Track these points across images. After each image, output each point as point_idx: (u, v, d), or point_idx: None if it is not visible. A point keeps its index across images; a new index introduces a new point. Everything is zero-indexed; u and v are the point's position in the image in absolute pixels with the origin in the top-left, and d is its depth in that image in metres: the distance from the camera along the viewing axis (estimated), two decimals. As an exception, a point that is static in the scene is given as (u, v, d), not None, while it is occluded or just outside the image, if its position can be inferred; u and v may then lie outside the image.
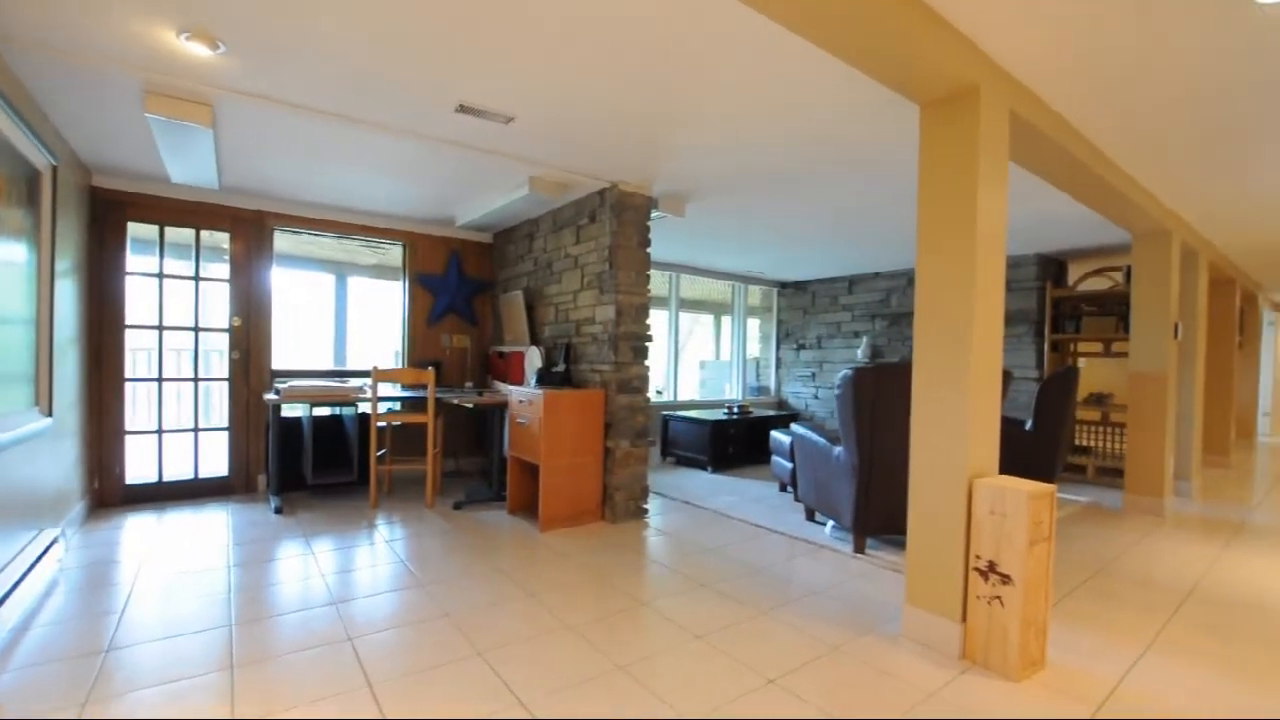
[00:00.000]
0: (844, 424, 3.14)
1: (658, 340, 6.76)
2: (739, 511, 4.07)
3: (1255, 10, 1.89)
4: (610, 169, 3.48)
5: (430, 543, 3.33)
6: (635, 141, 3.07)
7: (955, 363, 2.18)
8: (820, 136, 2.95)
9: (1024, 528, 1.99)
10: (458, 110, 2.71)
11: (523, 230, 4.69)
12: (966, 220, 2.16)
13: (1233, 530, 3.98)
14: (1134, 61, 2.22)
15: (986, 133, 2.17)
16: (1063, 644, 2.32)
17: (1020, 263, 5.76)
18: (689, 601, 2.64)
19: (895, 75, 2.09)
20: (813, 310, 7.51)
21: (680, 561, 3.14)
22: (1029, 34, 2.06)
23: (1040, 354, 5.69)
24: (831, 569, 3.06)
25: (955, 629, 2.18)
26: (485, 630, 2.32)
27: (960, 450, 2.16)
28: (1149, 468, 4.37)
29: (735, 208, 4.33)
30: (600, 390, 3.72)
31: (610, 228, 3.70)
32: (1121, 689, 2.01)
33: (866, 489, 3.13)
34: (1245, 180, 3.54)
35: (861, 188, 3.76)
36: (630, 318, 3.72)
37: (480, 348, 5.27)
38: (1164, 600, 2.76)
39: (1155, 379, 4.33)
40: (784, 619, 2.48)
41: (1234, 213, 4.29)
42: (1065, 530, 3.89)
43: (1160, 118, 2.68)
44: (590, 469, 3.69)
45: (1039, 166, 2.94)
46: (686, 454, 5.64)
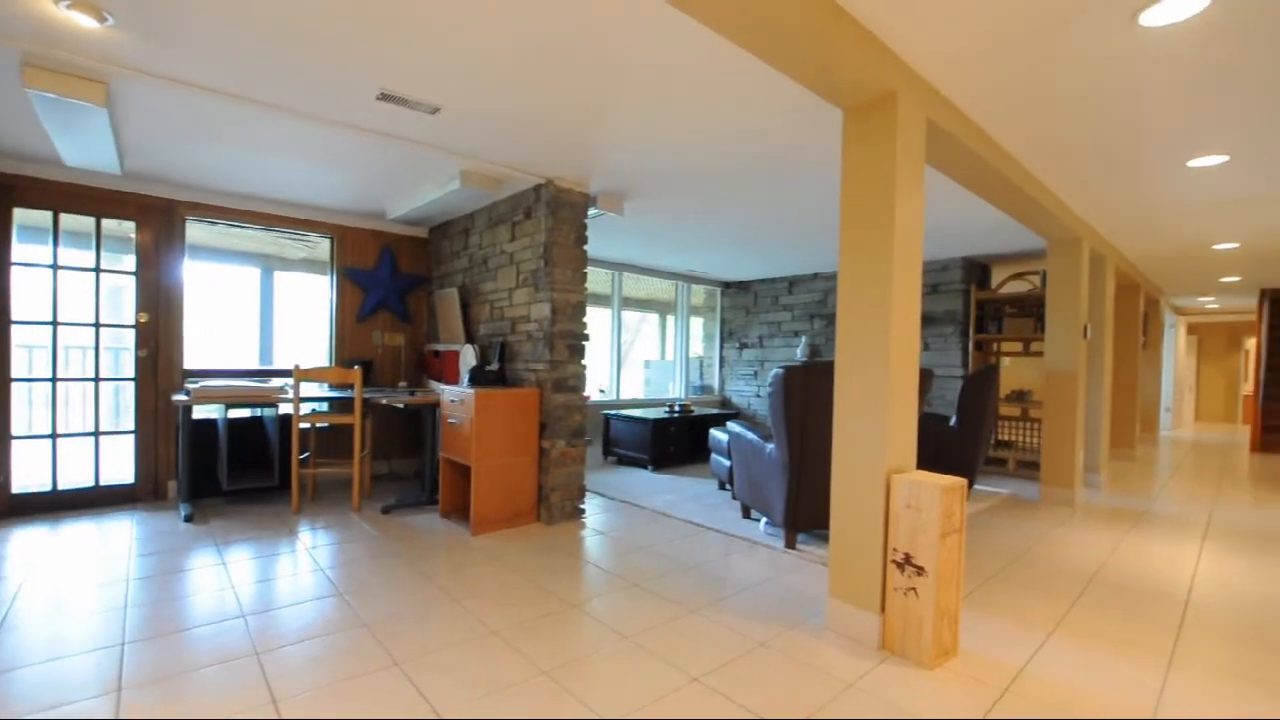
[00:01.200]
0: (775, 422, 3.19)
1: (601, 339, 6.72)
2: (677, 510, 4.08)
3: (1139, 31, 2.02)
4: (545, 164, 3.42)
5: (354, 549, 3.20)
6: (569, 137, 3.03)
7: (874, 362, 2.24)
8: (754, 139, 2.98)
9: (936, 520, 2.06)
10: (379, 98, 2.60)
11: (458, 225, 4.57)
12: (884, 224, 2.22)
13: (1135, 518, 4.27)
14: (1037, 76, 2.33)
15: (904, 139, 2.24)
16: (976, 631, 2.42)
17: (948, 266, 6.00)
18: (620, 602, 2.62)
19: (817, 80, 2.12)
20: (755, 310, 7.64)
21: (614, 562, 3.11)
22: (943, 45, 2.14)
23: (965, 353, 5.95)
24: (763, 565, 3.10)
25: (874, 620, 2.24)
26: (405, 639, 2.23)
27: (879, 447, 2.22)
28: (1062, 461, 4.63)
29: (674, 207, 4.34)
30: (535, 389, 3.66)
31: (546, 224, 3.64)
32: (1026, 673, 2.10)
33: (797, 485, 3.18)
34: (1141, 193, 3.79)
35: (797, 190, 3.83)
36: (566, 316, 3.67)
37: (415, 346, 5.10)
38: (1070, 586, 2.92)
39: (1067, 377, 4.59)
40: (713, 616, 2.49)
41: (1133, 223, 4.60)
42: (986, 521, 4.07)
43: (1062, 131, 2.84)
44: (525, 469, 3.62)
45: (959, 173, 3.06)
46: (628, 453, 5.62)
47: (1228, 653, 2.28)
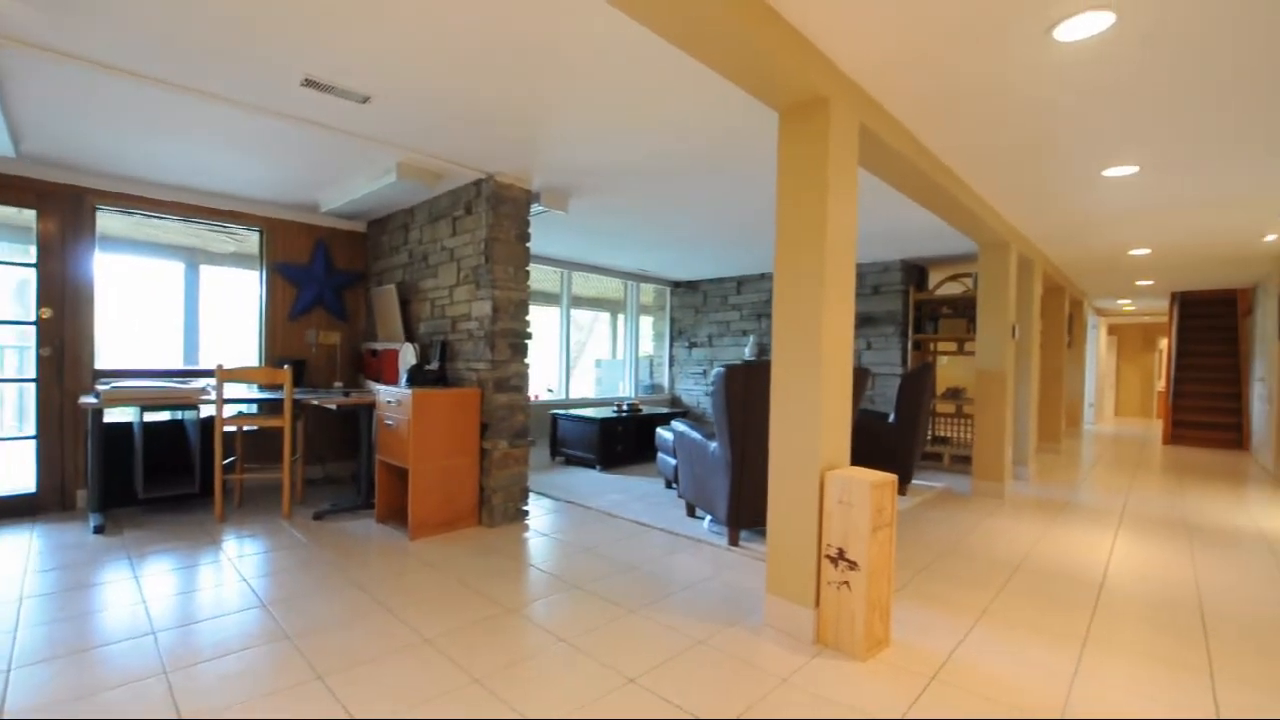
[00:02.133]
0: (718, 420, 3.21)
1: (549, 338, 6.64)
2: (623, 510, 4.06)
3: (1055, 45, 2.11)
4: (486, 159, 3.34)
5: (281, 558, 3.05)
6: (509, 132, 2.97)
7: (808, 361, 2.27)
8: (697, 137, 2.99)
9: (868, 515, 2.11)
10: (304, 84, 2.48)
11: (397, 220, 4.42)
12: (818, 225, 2.25)
13: (1058, 509, 4.49)
14: (961, 86, 2.41)
15: (837, 141, 2.28)
16: (907, 622, 2.48)
17: (888, 268, 6.19)
18: (560, 604, 2.58)
19: (753, 82, 2.14)
20: (704, 309, 7.70)
21: (556, 563, 3.07)
22: (872, 53, 2.18)
23: (904, 352, 6.15)
24: (706, 563, 3.11)
25: (810, 615, 2.27)
26: (331, 651, 2.13)
27: (814, 444, 2.25)
28: (992, 455, 4.83)
29: (620, 205, 4.32)
30: (477, 389, 3.57)
31: (487, 220, 3.55)
32: (952, 661, 2.17)
33: (739, 483, 3.21)
34: (1062, 200, 3.99)
35: (742, 190, 3.86)
36: (508, 314, 3.60)
37: (352, 344, 4.92)
38: (996, 575, 3.05)
39: (996, 375, 4.80)
40: (654, 616, 2.48)
41: (1057, 228, 4.85)
42: (921, 515, 4.21)
43: (987, 139, 2.95)
44: (465, 471, 3.53)
45: (893, 178, 3.15)
46: (575, 453, 5.57)
47: (1135, 634, 2.41)
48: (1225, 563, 3.30)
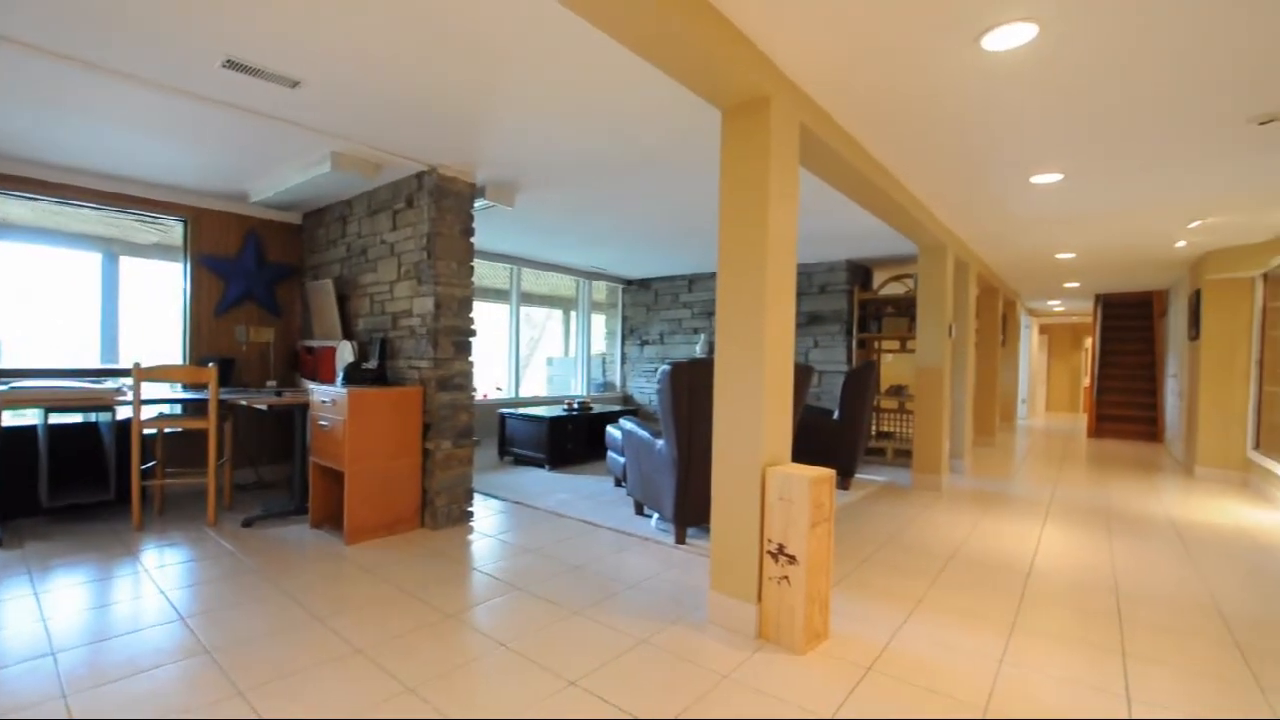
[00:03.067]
0: (664, 418, 3.20)
1: (499, 336, 6.52)
2: (570, 509, 4.01)
3: (983, 54, 2.18)
4: (427, 150, 3.24)
5: (205, 568, 2.88)
6: (452, 123, 2.88)
7: (750, 359, 2.28)
8: (645, 134, 2.97)
9: (807, 511, 2.13)
10: (226, 66, 2.33)
11: (335, 212, 4.24)
12: (758, 223, 2.26)
13: (992, 500, 4.69)
14: (896, 91, 2.46)
15: (778, 141, 2.30)
16: (847, 613, 2.53)
17: (834, 268, 6.34)
18: (502, 608, 2.52)
19: (696, 80, 2.13)
20: (656, 307, 7.71)
21: (499, 565, 3.00)
22: (812, 56, 2.20)
23: (850, 350, 6.31)
24: (653, 561, 3.11)
25: (752, 610, 2.29)
26: (255, 665, 2.02)
27: (756, 441, 2.27)
28: (931, 449, 5.01)
29: (569, 201, 4.27)
30: (418, 388, 3.46)
31: (429, 214, 3.44)
32: (888, 650, 2.22)
33: (685, 480, 3.21)
34: (993, 205, 4.16)
35: (690, 188, 3.87)
36: (451, 311, 3.50)
37: (287, 342, 4.69)
38: (932, 565, 3.15)
39: (935, 372, 4.97)
40: (597, 616, 2.45)
41: (989, 232, 5.06)
42: (864, 508, 4.32)
43: (922, 143, 3.04)
44: (406, 473, 3.42)
45: (835, 179, 3.21)
46: (524, 452, 5.49)
47: (1059, 618, 2.53)
48: (1139, 548, 3.51)
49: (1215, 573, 3.12)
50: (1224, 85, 2.38)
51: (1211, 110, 2.61)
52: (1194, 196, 3.92)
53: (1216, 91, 2.43)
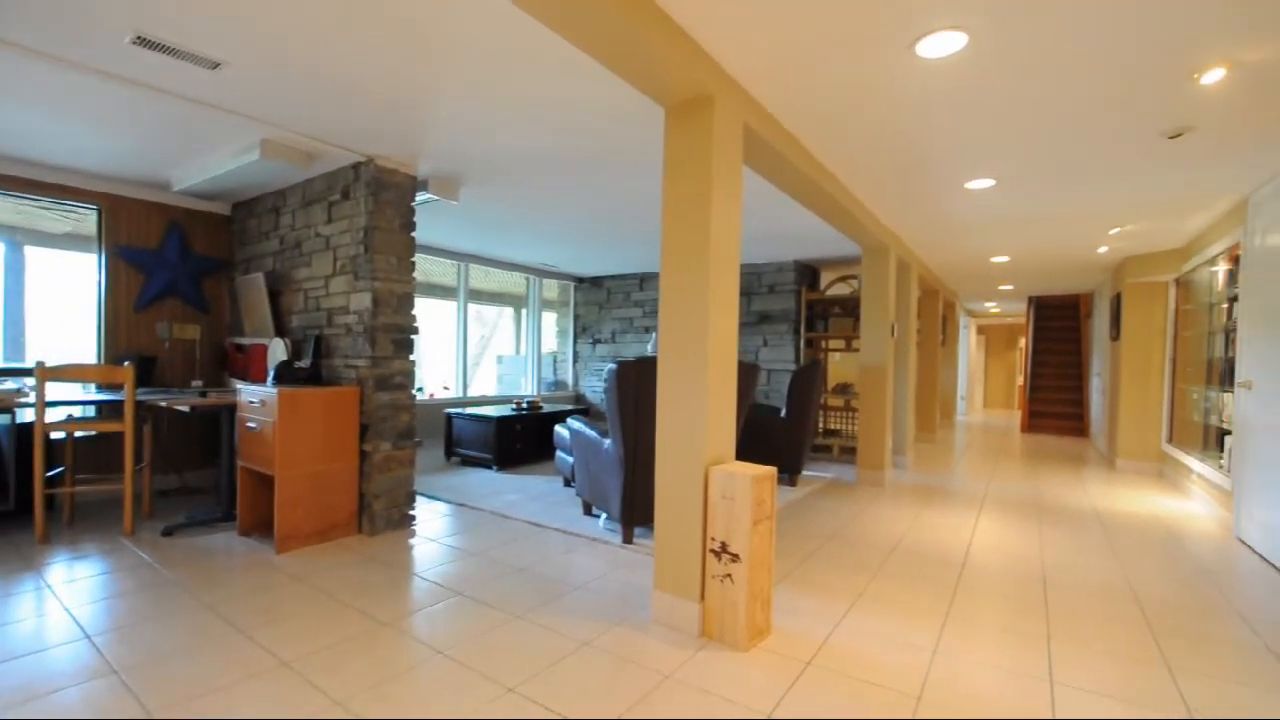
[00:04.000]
0: (611, 417, 3.17)
1: (447, 334, 6.36)
2: (517, 510, 3.94)
3: (918, 60, 2.24)
4: (364, 140, 3.11)
5: (118, 581, 2.68)
6: (390, 112, 2.77)
7: (694, 358, 2.28)
8: (592, 129, 2.93)
9: (749, 509, 2.14)
10: (135, 43, 2.17)
11: (267, 203, 4.04)
12: (702, 222, 2.26)
13: (931, 494, 4.85)
14: (837, 95, 2.50)
15: (721, 140, 2.30)
16: (790, 609, 2.56)
17: (783, 268, 6.44)
18: (441, 614, 2.44)
19: (640, 76, 2.11)
20: (608, 305, 7.67)
21: (440, 570, 2.91)
22: (754, 57, 2.21)
23: (798, 349, 6.43)
24: (599, 562, 3.07)
25: (695, 609, 2.28)
26: (167, 685, 1.88)
27: (699, 440, 2.26)
28: (874, 446, 5.14)
29: (515, 197, 4.19)
30: (355, 388, 3.32)
31: (366, 207, 3.31)
32: (828, 645, 2.25)
33: (632, 479, 3.19)
34: (931, 208, 4.30)
35: (640, 185, 3.85)
36: (391, 308, 3.38)
37: (215, 339, 4.44)
38: (873, 559, 3.22)
39: (878, 370, 5.11)
40: (540, 619, 2.40)
41: (928, 235, 5.23)
42: (810, 504, 4.40)
43: (863, 147, 3.10)
44: (342, 477, 3.28)
45: (779, 180, 3.24)
46: (471, 453, 5.36)
47: (989, 608, 2.62)
48: (1064, 538, 3.69)
49: (1132, 559, 3.31)
50: (1137, 101, 2.51)
51: (1128, 124, 2.75)
52: (1114, 205, 4.14)
53: (1131, 106, 2.56)
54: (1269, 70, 2.24)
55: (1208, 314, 4.96)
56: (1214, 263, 4.75)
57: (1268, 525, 3.27)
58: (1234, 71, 2.27)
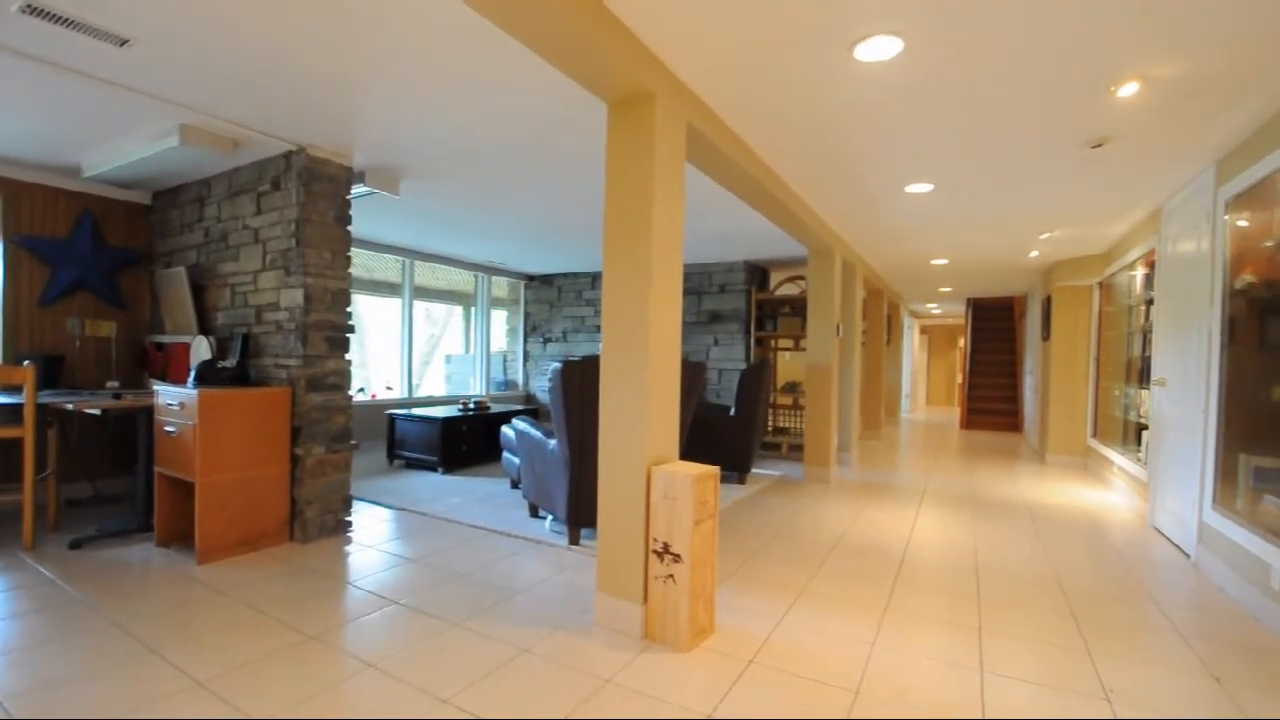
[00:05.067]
0: (556, 417, 3.12)
1: (389, 332, 6.15)
2: (462, 514, 3.83)
3: (856, 64, 2.27)
4: (295, 128, 2.96)
5: (15, 600, 2.47)
6: (321, 100, 2.64)
7: (636, 356, 2.25)
8: (537, 123, 2.86)
9: (690, 508, 2.13)
10: (24, 11, 1.99)
11: (190, 193, 3.80)
12: (644, 219, 2.23)
13: (875, 490, 4.97)
14: (779, 96, 2.52)
15: (663, 138, 2.27)
16: (733, 608, 2.56)
17: (733, 268, 6.50)
18: (374, 625, 2.33)
19: (580, 70, 2.06)
20: (559, 304, 7.59)
21: (376, 578, 2.79)
22: (696, 56, 2.20)
23: (748, 348, 6.50)
24: (544, 565, 3.01)
25: (638, 610, 2.26)
26: (61, 713, 1.73)
27: (641, 440, 2.24)
28: (820, 443, 5.24)
29: (460, 192, 4.07)
30: (286, 388, 3.16)
31: (298, 198, 3.15)
32: (770, 642, 2.26)
33: (578, 480, 3.15)
34: (873, 211, 4.41)
35: (588, 182, 3.80)
36: (324, 304, 3.23)
37: (133, 337, 4.16)
38: (816, 555, 3.27)
39: (824, 369, 5.21)
40: (479, 627, 2.33)
41: (871, 237, 5.37)
42: (758, 501, 4.44)
43: (806, 149, 3.15)
44: (271, 482, 3.11)
45: (725, 180, 3.25)
46: (415, 455, 5.20)
47: (925, 600, 2.69)
48: (997, 530, 3.84)
49: (1058, 550, 3.46)
50: (1061, 111, 2.62)
51: (1053, 133, 2.87)
52: (1043, 210, 4.34)
53: (1056, 116, 2.67)
54: (1176, 86, 2.38)
55: (1127, 316, 5.26)
56: (1133, 267, 5.04)
57: (1178, 514, 3.47)
58: (1146, 86, 2.39)
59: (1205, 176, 3.28)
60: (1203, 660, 2.20)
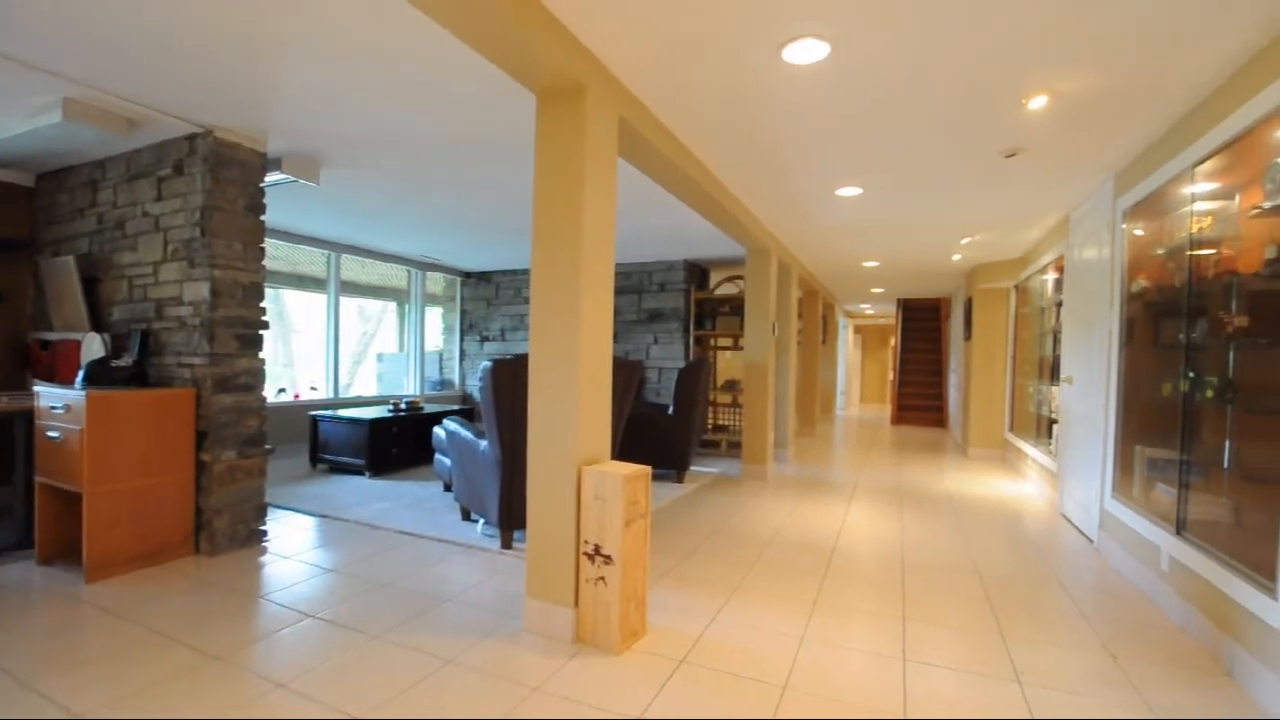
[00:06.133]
0: (487, 417, 3.02)
1: (314, 330, 5.85)
2: (389, 519, 3.67)
3: (786, 66, 2.29)
4: (200, 108, 2.74)
5: None
6: (228, 79, 2.45)
7: (566, 354, 2.20)
8: (466, 116, 2.76)
9: (621, 509, 2.09)
10: None
11: (81, 175, 3.47)
12: (574, 214, 2.18)
13: (809, 485, 5.09)
14: (711, 94, 2.52)
15: (594, 131, 2.23)
16: (667, 608, 2.55)
17: (673, 267, 6.52)
18: (286, 641, 2.19)
19: (506, 58, 1.99)
20: (497, 301, 7.41)
21: (291, 591, 2.63)
22: (626, 50, 2.16)
23: (688, 347, 6.54)
24: (474, 570, 2.91)
25: (569, 614, 2.20)
26: (-97, 758, 1.53)
27: (572, 440, 2.18)
28: (757, 440, 5.32)
29: (387, 184, 3.90)
30: (190, 390, 2.93)
31: (204, 184, 2.92)
32: (702, 640, 2.26)
33: (510, 482, 3.06)
34: (806, 213, 4.51)
35: (521, 177, 3.70)
36: (235, 299, 3.01)
37: (14, 334, 3.76)
38: (750, 552, 3.30)
39: (760, 368, 5.29)
40: (402, 639, 2.22)
41: (805, 238, 5.50)
42: (696, 499, 4.46)
43: (740, 149, 3.17)
44: (173, 491, 2.88)
45: (661, 177, 3.23)
46: (341, 459, 4.95)
47: (854, 592, 2.76)
48: (922, 522, 3.99)
49: (977, 538, 3.63)
50: (978, 121, 2.73)
51: (971, 142, 3.00)
52: (964, 216, 4.54)
53: (974, 126, 2.79)
54: (1079, 101, 2.52)
55: (1040, 317, 5.59)
56: (1045, 271, 5.36)
57: (1083, 502, 3.71)
58: (1054, 100, 2.52)
59: (1105, 188, 3.51)
60: (1102, 639, 2.34)
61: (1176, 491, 2.63)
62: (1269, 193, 2.05)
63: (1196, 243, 2.56)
